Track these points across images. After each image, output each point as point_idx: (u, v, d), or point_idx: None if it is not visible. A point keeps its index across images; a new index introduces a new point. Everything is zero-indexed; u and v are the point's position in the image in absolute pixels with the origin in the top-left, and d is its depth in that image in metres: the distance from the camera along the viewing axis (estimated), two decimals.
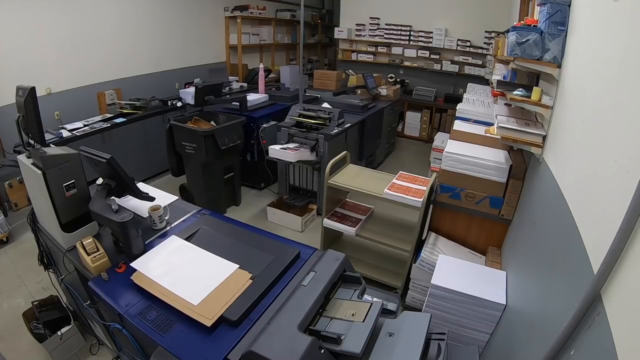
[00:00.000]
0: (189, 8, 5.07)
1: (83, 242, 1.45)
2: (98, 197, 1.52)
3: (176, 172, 3.49)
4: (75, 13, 3.76)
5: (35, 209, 1.82)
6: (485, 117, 2.88)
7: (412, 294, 2.39)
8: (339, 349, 1.05)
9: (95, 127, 3.52)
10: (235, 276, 1.36)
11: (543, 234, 1.48)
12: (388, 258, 2.74)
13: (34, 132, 1.53)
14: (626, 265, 0.80)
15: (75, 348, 2.07)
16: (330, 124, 3.38)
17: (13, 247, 3.02)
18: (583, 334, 0.91)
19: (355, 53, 6.57)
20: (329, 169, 2.49)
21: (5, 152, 3.36)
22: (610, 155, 0.97)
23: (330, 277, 1.29)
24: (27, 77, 3.06)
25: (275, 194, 3.95)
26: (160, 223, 1.73)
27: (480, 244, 2.36)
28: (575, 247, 1.05)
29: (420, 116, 6.03)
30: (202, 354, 1.11)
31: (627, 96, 0.94)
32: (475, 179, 2.20)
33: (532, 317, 1.35)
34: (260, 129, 3.47)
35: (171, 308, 1.25)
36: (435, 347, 1.12)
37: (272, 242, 1.61)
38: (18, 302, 2.42)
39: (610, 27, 1.13)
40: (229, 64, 5.93)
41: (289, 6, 6.70)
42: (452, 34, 5.70)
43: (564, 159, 1.40)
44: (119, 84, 4.32)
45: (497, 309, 1.72)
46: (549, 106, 1.65)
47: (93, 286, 1.37)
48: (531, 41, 1.58)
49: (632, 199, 0.78)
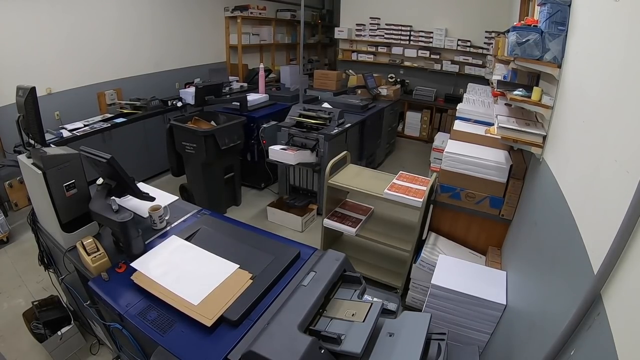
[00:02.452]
0: (189, 8, 5.07)
1: (83, 242, 1.45)
2: (98, 197, 1.52)
3: (176, 172, 3.49)
4: (75, 13, 3.76)
5: (36, 209, 1.82)
6: (485, 117, 2.87)
7: (412, 294, 2.39)
8: (339, 349, 1.05)
9: (95, 127, 3.52)
10: (235, 276, 1.36)
11: (543, 234, 1.48)
12: (388, 258, 2.74)
13: (34, 132, 1.53)
14: (626, 265, 0.80)
15: (75, 348, 2.07)
16: (330, 124, 3.38)
17: (13, 247, 3.02)
18: (583, 334, 0.91)
19: (355, 53, 6.57)
20: (329, 169, 2.49)
21: (6, 152, 3.37)
22: (610, 155, 0.97)
23: (330, 277, 1.29)
24: (27, 77, 3.06)
25: (275, 194, 3.95)
26: (160, 223, 1.73)
27: (480, 244, 2.36)
28: (575, 247, 1.05)
29: (420, 116, 6.04)
30: (202, 354, 1.11)
31: (627, 96, 0.94)
32: (475, 179, 2.20)
33: (532, 317, 1.35)
34: (261, 129, 3.48)
35: (171, 308, 1.25)
36: (435, 347, 1.12)
37: (272, 242, 1.61)
38: (18, 302, 2.42)
39: (610, 27, 1.13)
40: (229, 64, 5.93)
41: (289, 6, 6.70)
42: (452, 34, 5.70)
43: (564, 159, 1.39)
44: (119, 84, 4.32)
45: (497, 309, 1.72)
46: (549, 106, 1.65)
47: (93, 286, 1.37)
48: (531, 41, 1.58)
49: (632, 199, 0.78)
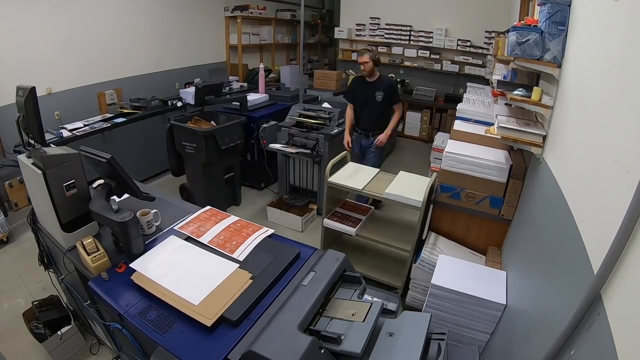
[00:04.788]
0: (189, 8, 5.07)
1: (83, 242, 1.45)
2: (98, 197, 1.52)
3: (176, 172, 3.49)
4: (75, 13, 3.76)
5: (35, 208, 1.82)
6: (485, 117, 2.87)
7: (412, 294, 2.39)
8: (339, 349, 1.05)
9: (95, 127, 3.52)
10: (235, 276, 1.36)
11: (543, 233, 1.48)
12: (388, 258, 2.74)
13: (34, 132, 1.53)
14: (626, 265, 0.80)
15: (75, 348, 2.07)
16: (330, 123, 3.38)
17: (13, 247, 3.03)
18: (583, 334, 0.91)
19: (355, 53, 6.56)
20: (329, 169, 2.49)
21: (6, 152, 3.37)
22: (610, 155, 0.96)
23: (330, 277, 1.29)
24: (27, 77, 3.06)
25: (275, 193, 3.95)
26: (149, 228, 1.64)
27: (480, 244, 2.36)
28: (575, 247, 1.05)
29: (420, 116, 6.04)
30: (202, 354, 1.11)
31: (627, 96, 0.94)
32: (475, 179, 2.20)
33: (532, 317, 1.35)
34: (261, 128, 3.48)
35: (171, 308, 1.24)
36: (435, 347, 1.12)
37: (272, 242, 1.60)
38: (18, 302, 2.42)
39: (610, 27, 1.13)
40: (229, 63, 5.92)
41: (289, 6, 6.70)
42: (452, 34, 5.70)
43: (564, 159, 1.39)
44: (119, 84, 4.32)
45: (497, 308, 1.72)
46: (549, 106, 1.65)
47: (93, 286, 1.37)
48: (531, 41, 1.58)
49: (632, 199, 0.78)
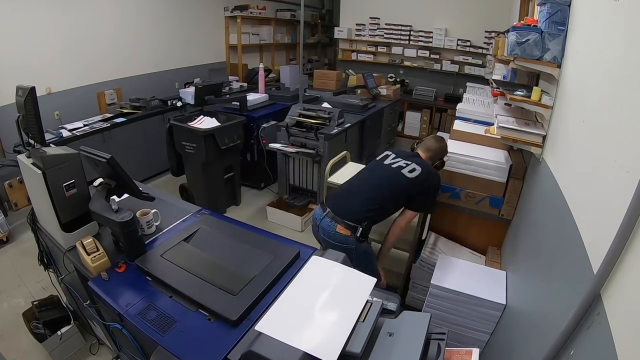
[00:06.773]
0: (189, 8, 5.07)
1: (83, 242, 1.45)
2: (98, 197, 1.52)
3: (176, 172, 3.48)
4: (75, 13, 3.76)
5: (35, 208, 1.82)
6: (485, 117, 2.87)
7: (412, 293, 2.39)
8: None
9: (95, 127, 3.52)
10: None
11: (543, 234, 1.48)
12: (388, 258, 2.73)
13: (34, 132, 1.53)
14: (626, 265, 0.80)
15: (75, 348, 2.07)
16: (330, 123, 3.38)
17: (13, 247, 3.02)
18: (583, 334, 0.91)
19: (355, 53, 6.56)
20: (328, 169, 2.49)
21: (5, 152, 3.37)
22: (610, 155, 0.96)
23: None
24: (27, 77, 3.04)
25: (275, 193, 3.95)
26: (148, 228, 1.64)
27: (480, 244, 2.36)
28: (575, 247, 1.05)
29: (420, 116, 6.03)
30: (202, 353, 1.11)
31: (627, 96, 0.94)
32: (475, 179, 2.20)
33: (532, 317, 1.35)
34: (260, 128, 3.47)
35: (172, 308, 1.25)
36: (435, 347, 1.11)
37: (272, 242, 1.60)
38: (18, 302, 2.42)
39: (610, 27, 1.13)
40: (229, 63, 5.92)
41: (289, 6, 6.70)
42: (452, 34, 5.69)
43: (564, 158, 1.39)
44: (119, 84, 4.32)
45: (497, 308, 1.72)
46: (549, 106, 1.65)
47: (93, 286, 1.37)
48: (531, 41, 1.58)
49: (632, 199, 0.78)
